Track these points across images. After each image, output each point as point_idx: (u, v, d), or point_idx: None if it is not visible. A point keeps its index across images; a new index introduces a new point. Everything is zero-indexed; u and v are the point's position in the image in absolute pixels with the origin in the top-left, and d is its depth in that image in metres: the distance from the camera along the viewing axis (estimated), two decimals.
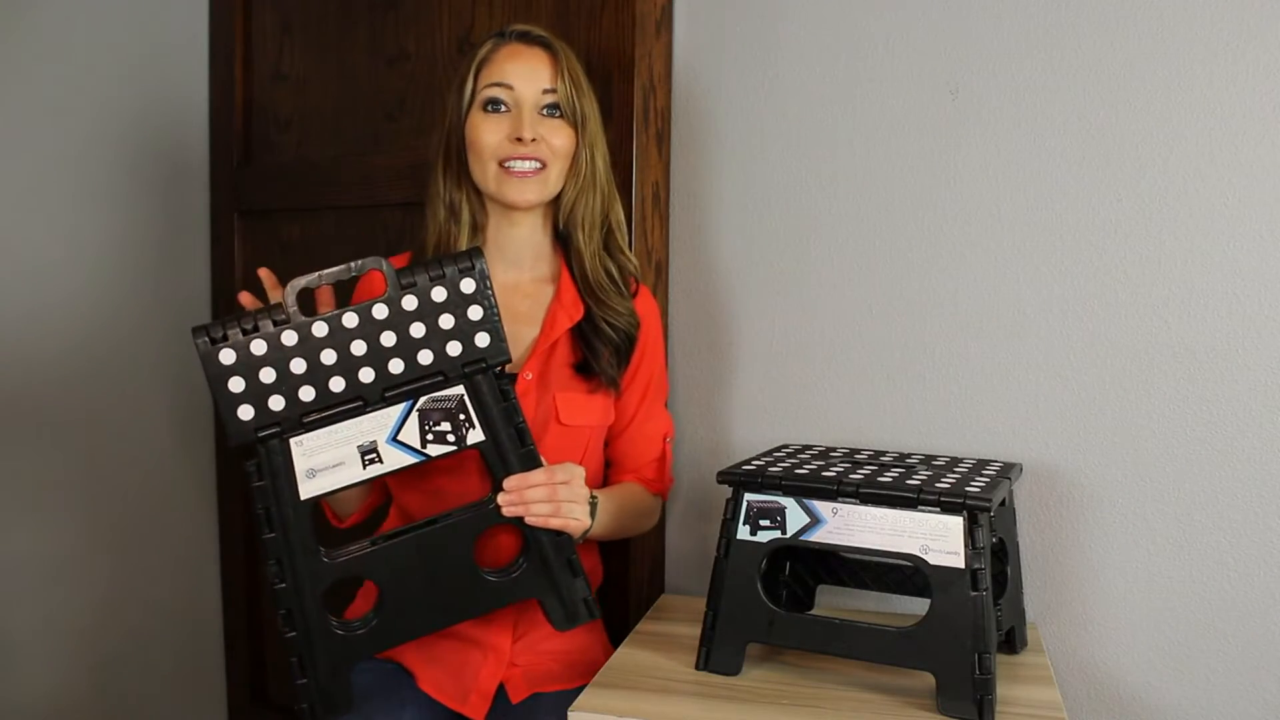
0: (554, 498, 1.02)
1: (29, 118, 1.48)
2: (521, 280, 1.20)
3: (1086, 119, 1.22)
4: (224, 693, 1.81)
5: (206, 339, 0.96)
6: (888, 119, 1.31)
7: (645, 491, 1.26)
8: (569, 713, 0.99)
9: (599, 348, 1.17)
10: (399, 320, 0.99)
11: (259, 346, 0.96)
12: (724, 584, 1.07)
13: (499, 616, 1.15)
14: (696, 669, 1.08)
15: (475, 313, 1.00)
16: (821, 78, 1.35)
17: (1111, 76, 1.21)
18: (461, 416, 1.00)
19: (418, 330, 0.99)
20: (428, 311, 0.99)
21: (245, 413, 0.96)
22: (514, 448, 1.01)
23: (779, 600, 1.24)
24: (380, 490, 1.20)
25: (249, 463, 0.98)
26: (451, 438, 1.00)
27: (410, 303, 0.99)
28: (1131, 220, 1.21)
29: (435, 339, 0.99)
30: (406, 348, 0.99)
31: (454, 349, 1.00)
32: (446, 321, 0.99)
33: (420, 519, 1.03)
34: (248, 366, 0.96)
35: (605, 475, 1.27)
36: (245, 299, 1.03)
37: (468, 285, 1.00)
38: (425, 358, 0.99)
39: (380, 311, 0.98)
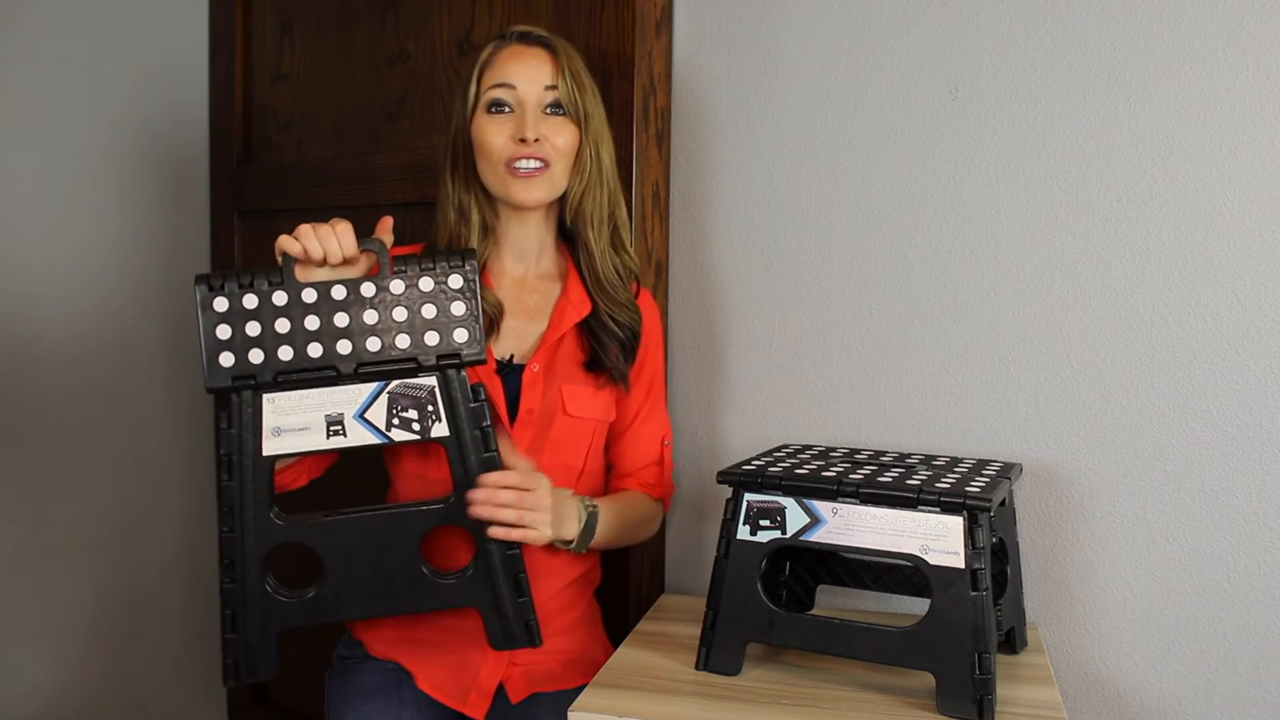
0: (520, 504, 1.02)
1: (29, 118, 1.49)
2: (529, 275, 1.21)
3: (1086, 119, 1.22)
4: (224, 693, 1.81)
5: (206, 286, 1.01)
6: (888, 119, 1.31)
7: (647, 498, 1.26)
8: (569, 712, 0.99)
9: (607, 343, 1.18)
10: (383, 301, 1.03)
11: (250, 300, 1.01)
12: (724, 584, 1.07)
13: None
14: (696, 669, 1.08)
15: (458, 308, 1.04)
16: (821, 78, 1.35)
17: (1111, 76, 1.21)
18: (430, 408, 1.03)
19: (400, 314, 1.03)
20: (412, 298, 1.03)
21: (226, 359, 1.01)
22: (476, 449, 1.03)
23: (779, 600, 1.24)
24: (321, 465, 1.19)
25: (221, 412, 1.02)
26: (416, 426, 1.03)
27: (397, 287, 1.03)
28: (1131, 220, 1.21)
29: (415, 326, 1.03)
30: (386, 329, 1.03)
31: (431, 339, 1.03)
32: (429, 311, 1.03)
33: None
34: (237, 316, 1.01)
35: (606, 480, 1.27)
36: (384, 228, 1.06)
37: (455, 281, 1.04)
38: (402, 342, 1.03)
39: (368, 289, 1.03)
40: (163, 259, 1.69)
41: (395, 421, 1.03)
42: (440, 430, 1.03)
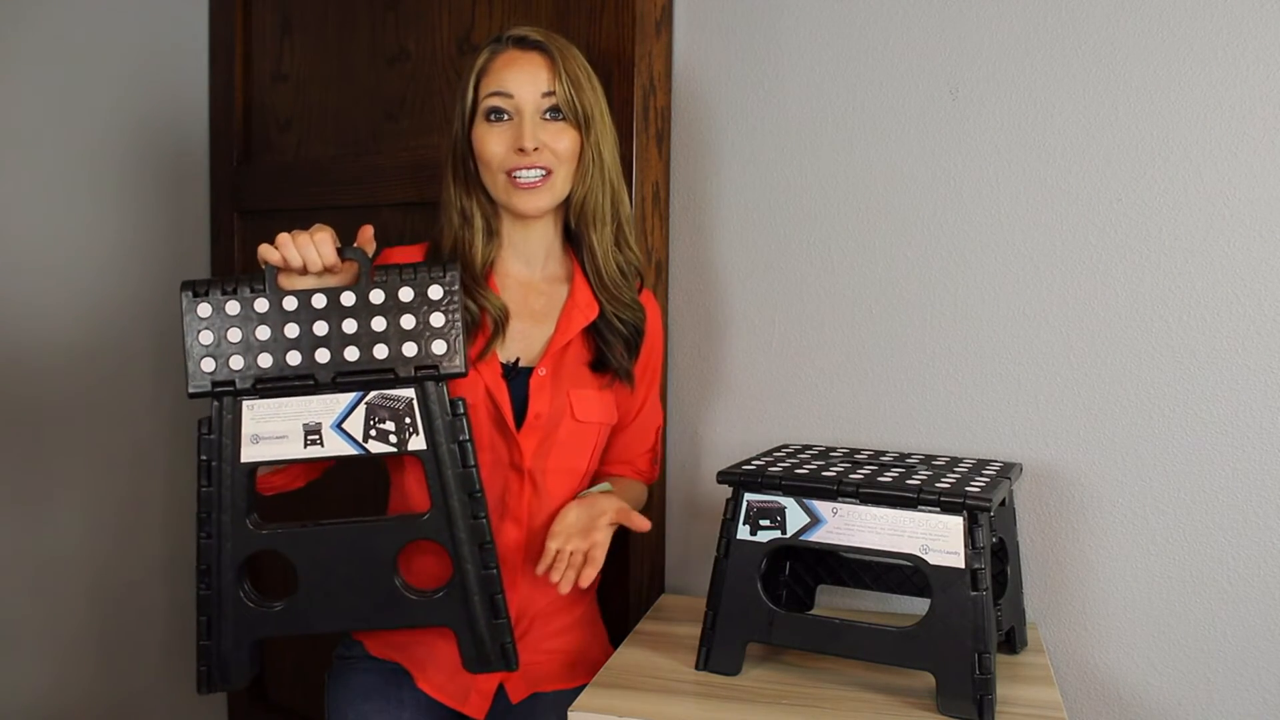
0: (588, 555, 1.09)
1: (29, 118, 1.49)
2: (535, 278, 1.20)
3: (1086, 119, 1.22)
4: (224, 692, 1.81)
5: (191, 292, 1.02)
6: (888, 119, 1.31)
7: (641, 485, 1.29)
8: (569, 712, 0.99)
9: (612, 341, 1.19)
10: (363, 310, 1.03)
11: (233, 307, 1.02)
12: (724, 584, 1.07)
13: None
14: (696, 669, 1.08)
15: (437, 319, 1.03)
16: (821, 77, 1.35)
17: (1111, 76, 1.21)
18: (407, 420, 1.02)
19: (378, 324, 1.03)
20: (391, 308, 1.03)
21: (207, 365, 1.01)
22: (453, 464, 1.02)
23: (779, 600, 1.24)
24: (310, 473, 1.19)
25: (202, 419, 1.02)
26: (393, 438, 1.02)
27: (377, 296, 1.03)
28: (1131, 220, 1.21)
29: (394, 336, 1.02)
30: (365, 338, 1.02)
31: (409, 349, 1.02)
32: (408, 321, 1.03)
33: None
34: (219, 322, 1.01)
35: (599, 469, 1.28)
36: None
37: (435, 291, 1.03)
38: (380, 352, 1.02)
39: (347, 299, 1.02)
40: (163, 259, 1.70)
41: (372, 433, 1.02)
42: (417, 443, 1.02)
